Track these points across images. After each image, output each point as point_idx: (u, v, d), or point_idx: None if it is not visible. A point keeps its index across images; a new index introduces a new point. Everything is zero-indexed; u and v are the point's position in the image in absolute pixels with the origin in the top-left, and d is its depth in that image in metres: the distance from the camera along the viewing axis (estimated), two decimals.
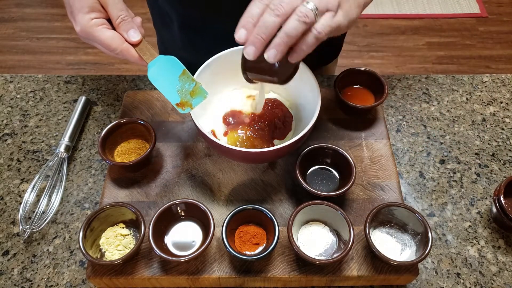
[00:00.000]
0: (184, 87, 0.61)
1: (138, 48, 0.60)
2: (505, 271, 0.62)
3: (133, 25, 0.60)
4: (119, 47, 0.58)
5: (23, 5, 2.48)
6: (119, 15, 0.59)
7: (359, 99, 0.76)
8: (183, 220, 0.63)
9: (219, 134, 0.68)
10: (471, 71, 2.12)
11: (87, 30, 0.57)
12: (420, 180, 0.72)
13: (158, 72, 0.60)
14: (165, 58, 0.61)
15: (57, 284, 0.62)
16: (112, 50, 0.59)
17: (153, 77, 0.60)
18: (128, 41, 0.60)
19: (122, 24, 0.59)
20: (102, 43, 0.58)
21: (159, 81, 0.60)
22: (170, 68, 0.61)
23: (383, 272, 0.59)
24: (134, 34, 0.59)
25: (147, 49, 0.61)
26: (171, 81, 0.61)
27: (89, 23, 0.57)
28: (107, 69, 2.16)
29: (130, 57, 0.60)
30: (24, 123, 0.80)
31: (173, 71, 0.61)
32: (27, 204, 0.66)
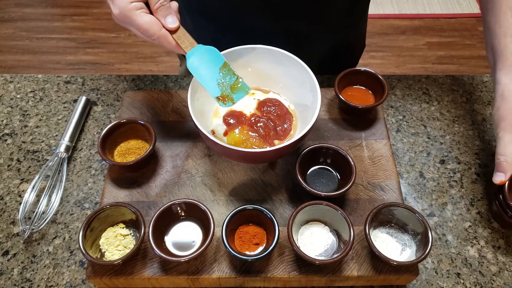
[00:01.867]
0: (225, 80, 0.58)
1: (175, 35, 0.58)
2: (505, 271, 0.62)
3: (171, 11, 0.58)
4: (157, 33, 0.57)
5: (23, 5, 2.48)
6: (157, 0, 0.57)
7: (359, 99, 0.76)
8: (183, 220, 0.63)
9: (219, 134, 0.68)
10: (471, 71, 2.12)
11: (126, 13, 0.56)
12: (420, 180, 0.72)
13: (198, 62, 0.58)
14: (205, 48, 0.58)
15: (57, 284, 0.62)
16: (149, 36, 0.57)
17: (193, 68, 0.58)
18: (166, 28, 0.58)
19: (161, 10, 0.57)
20: (139, 28, 0.57)
21: (199, 71, 0.58)
22: (211, 59, 0.59)
23: (383, 272, 0.59)
24: (172, 20, 0.58)
25: (186, 37, 0.59)
26: (212, 73, 0.58)
27: (128, 6, 0.56)
28: (107, 69, 2.16)
29: (167, 44, 0.58)
30: (24, 123, 0.80)
31: (214, 63, 0.59)
32: (27, 204, 0.66)
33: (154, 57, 2.19)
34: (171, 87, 0.85)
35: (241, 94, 0.59)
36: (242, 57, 0.69)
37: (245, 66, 0.71)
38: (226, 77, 0.59)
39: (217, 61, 0.59)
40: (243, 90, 0.59)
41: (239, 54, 0.69)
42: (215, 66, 0.59)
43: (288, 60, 0.68)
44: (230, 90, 0.59)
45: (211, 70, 0.59)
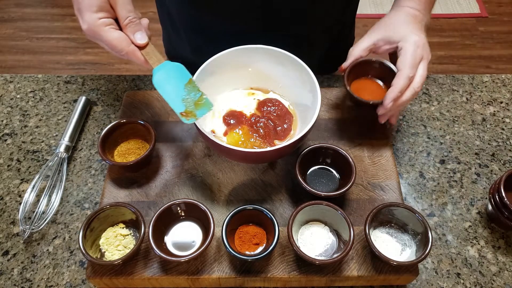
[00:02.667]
0: (189, 96, 0.59)
1: (144, 51, 0.59)
2: (505, 271, 0.62)
3: (141, 27, 0.59)
4: (125, 48, 0.58)
5: (23, 5, 2.48)
6: (127, 16, 0.58)
7: (369, 92, 0.72)
8: (183, 220, 0.63)
9: (219, 134, 0.68)
10: (471, 71, 2.12)
11: (94, 29, 0.57)
12: (420, 180, 0.72)
13: (164, 79, 0.59)
14: (172, 65, 0.60)
15: (57, 284, 0.62)
16: (118, 52, 0.58)
17: (159, 84, 0.59)
18: (134, 43, 0.59)
19: (130, 26, 0.58)
20: (108, 44, 0.58)
21: (164, 87, 0.59)
22: (177, 75, 0.60)
23: (383, 272, 0.59)
24: (141, 36, 0.59)
25: (154, 53, 0.60)
26: (177, 89, 0.59)
27: (96, 23, 0.57)
28: (107, 69, 2.16)
29: (136, 60, 0.59)
30: (24, 123, 0.80)
31: (180, 79, 0.60)
32: (27, 204, 0.66)
33: None
34: None
35: (205, 110, 0.60)
36: (242, 57, 0.69)
37: (245, 66, 0.71)
38: (191, 93, 0.60)
39: (183, 78, 0.60)
40: (206, 106, 0.60)
41: (239, 54, 0.69)
42: (180, 82, 0.60)
43: (288, 60, 0.68)
44: (194, 106, 0.60)
45: (177, 86, 0.60)
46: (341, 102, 0.78)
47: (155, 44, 0.61)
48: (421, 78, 0.65)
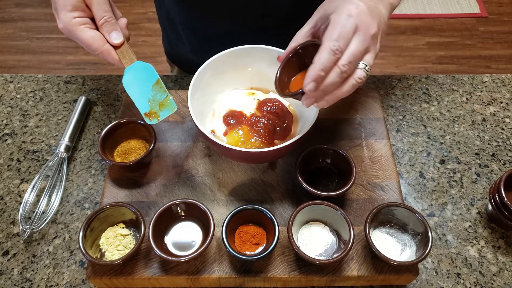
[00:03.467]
0: (155, 97, 0.60)
1: (119, 50, 0.60)
2: (505, 271, 0.62)
3: (117, 27, 0.60)
4: (100, 48, 0.58)
5: (23, 5, 2.48)
6: (103, 16, 0.58)
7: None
8: (183, 220, 0.63)
9: (219, 134, 0.68)
10: (471, 71, 2.12)
11: (69, 28, 0.57)
12: (420, 180, 0.72)
13: (132, 79, 0.60)
14: (142, 65, 0.61)
15: (57, 284, 0.62)
16: (93, 50, 0.59)
17: (127, 83, 0.60)
18: (110, 43, 0.59)
19: (105, 26, 0.59)
20: (83, 43, 0.58)
21: (132, 87, 0.60)
22: (145, 75, 0.61)
23: (383, 272, 0.59)
24: (116, 36, 0.59)
25: (127, 53, 0.60)
26: (144, 89, 0.60)
27: (71, 21, 0.57)
28: (107, 69, 2.16)
29: (110, 59, 0.60)
30: (24, 123, 0.80)
31: (148, 79, 0.60)
32: (27, 204, 0.66)
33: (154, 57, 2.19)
34: (171, 87, 0.85)
35: (167, 111, 0.61)
36: (242, 57, 0.69)
37: (245, 66, 0.71)
38: (157, 94, 0.60)
39: (150, 78, 0.61)
40: (169, 108, 0.61)
41: (239, 54, 0.69)
42: (148, 83, 0.60)
43: None
44: (158, 107, 0.60)
45: (144, 86, 0.60)
46: (341, 102, 0.78)
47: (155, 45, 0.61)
48: (351, 55, 0.50)
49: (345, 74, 0.51)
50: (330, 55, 0.50)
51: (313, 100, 0.54)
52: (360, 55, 0.51)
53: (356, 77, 0.52)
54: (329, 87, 0.51)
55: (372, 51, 0.53)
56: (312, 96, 0.53)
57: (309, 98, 0.54)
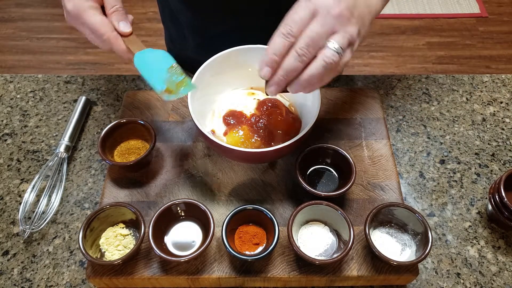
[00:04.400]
0: (171, 78, 0.59)
1: (127, 39, 0.59)
2: (505, 271, 0.62)
3: (126, 17, 0.59)
4: (107, 33, 0.57)
5: (23, 5, 2.48)
6: (114, 4, 0.58)
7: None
8: (183, 220, 0.63)
9: (219, 134, 0.68)
10: (471, 71, 2.12)
11: (79, 11, 0.56)
12: (420, 180, 0.72)
13: (146, 61, 0.59)
14: (155, 51, 0.59)
15: (57, 284, 0.62)
16: (99, 36, 0.57)
17: (140, 64, 0.58)
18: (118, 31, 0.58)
19: (115, 14, 0.58)
20: (90, 26, 0.57)
21: (146, 68, 0.59)
22: (160, 59, 0.59)
23: (383, 272, 0.59)
24: (125, 25, 0.59)
25: (136, 42, 0.59)
26: (159, 71, 0.59)
27: (83, 4, 0.56)
28: (107, 69, 2.16)
29: (116, 46, 0.58)
30: (24, 123, 0.80)
31: (163, 63, 0.59)
32: (27, 204, 0.66)
33: None
34: None
35: (186, 90, 0.59)
36: (242, 57, 0.69)
37: (245, 66, 0.71)
38: (173, 76, 0.59)
39: (166, 62, 0.59)
40: (188, 87, 0.59)
41: (239, 54, 0.69)
42: (163, 66, 0.59)
43: None
44: (175, 87, 0.59)
45: (159, 68, 0.59)
46: (341, 102, 0.78)
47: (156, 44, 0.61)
48: (308, 38, 0.48)
49: (305, 57, 0.49)
50: (281, 38, 0.49)
51: (275, 87, 0.52)
52: (319, 38, 0.49)
53: (324, 56, 0.49)
54: (290, 72, 0.50)
55: (340, 32, 0.49)
56: (274, 84, 0.51)
57: (271, 85, 0.52)
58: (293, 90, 0.52)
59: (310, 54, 0.49)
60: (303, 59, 0.49)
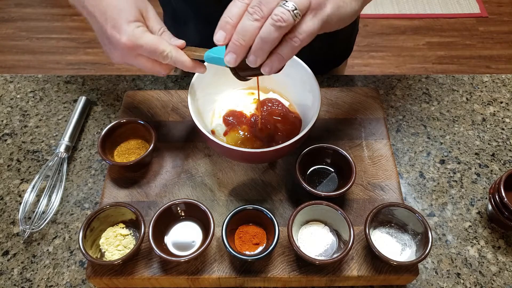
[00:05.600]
0: None
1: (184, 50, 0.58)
2: (505, 271, 0.62)
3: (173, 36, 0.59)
4: (169, 46, 0.56)
5: (23, 5, 2.48)
6: (160, 27, 0.58)
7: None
8: (183, 220, 0.63)
9: (219, 134, 0.68)
10: (471, 71, 2.12)
11: (134, 37, 0.54)
12: (420, 180, 0.72)
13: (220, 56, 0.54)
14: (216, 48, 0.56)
15: (57, 284, 0.62)
16: (160, 53, 0.56)
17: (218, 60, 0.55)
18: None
19: (165, 35, 0.58)
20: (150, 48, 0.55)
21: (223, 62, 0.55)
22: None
23: (383, 272, 0.59)
24: (177, 40, 0.58)
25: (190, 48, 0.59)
26: None
27: (135, 30, 0.55)
28: (107, 69, 2.16)
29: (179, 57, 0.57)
30: (24, 123, 0.80)
31: None
32: (27, 204, 0.66)
33: None
34: (171, 87, 0.85)
35: None
36: None
37: None
38: None
39: None
40: None
41: None
42: None
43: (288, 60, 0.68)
44: None
45: None
46: (341, 102, 0.78)
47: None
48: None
49: (256, 15, 0.46)
50: (236, 1, 0.47)
51: (231, 54, 0.48)
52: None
53: (273, 14, 0.45)
54: (245, 35, 0.46)
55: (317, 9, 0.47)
56: (230, 49, 0.48)
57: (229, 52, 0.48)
58: (251, 62, 0.48)
59: (263, 12, 0.46)
60: (255, 17, 0.46)
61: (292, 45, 0.48)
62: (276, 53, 0.48)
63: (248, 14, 0.46)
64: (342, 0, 0.50)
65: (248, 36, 0.47)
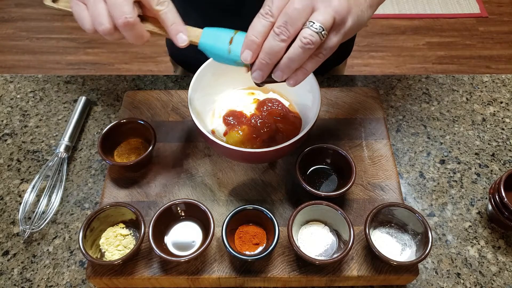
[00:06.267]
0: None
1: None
2: (505, 271, 0.62)
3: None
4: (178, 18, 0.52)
5: (23, 5, 2.48)
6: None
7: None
8: (183, 220, 0.63)
9: (219, 134, 0.68)
10: (471, 71, 2.12)
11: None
12: (420, 180, 0.72)
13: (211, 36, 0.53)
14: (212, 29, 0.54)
15: (57, 284, 0.62)
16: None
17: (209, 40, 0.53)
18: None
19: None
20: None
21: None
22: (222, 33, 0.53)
23: (383, 272, 0.59)
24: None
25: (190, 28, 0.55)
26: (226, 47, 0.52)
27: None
28: (107, 69, 2.16)
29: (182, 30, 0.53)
30: (24, 123, 0.80)
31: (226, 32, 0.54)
32: (27, 204, 0.66)
33: (154, 57, 2.19)
34: (171, 87, 0.85)
35: None
36: None
37: None
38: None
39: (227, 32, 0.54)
40: None
41: None
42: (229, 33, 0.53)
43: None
44: None
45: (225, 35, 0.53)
46: (341, 102, 0.78)
47: (155, 44, 0.62)
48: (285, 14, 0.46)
49: (283, 35, 0.46)
50: (260, 19, 0.46)
51: (258, 72, 0.49)
52: (298, 14, 0.46)
53: (301, 36, 0.46)
54: (272, 55, 0.47)
55: (321, 8, 0.46)
56: (256, 68, 0.49)
57: (254, 70, 0.49)
58: (277, 77, 0.50)
59: (290, 32, 0.46)
60: (282, 37, 0.46)
61: (317, 60, 0.49)
62: (302, 68, 0.49)
63: (275, 34, 0.46)
64: (360, 10, 0.51)
65: (274, 56, 0.48)
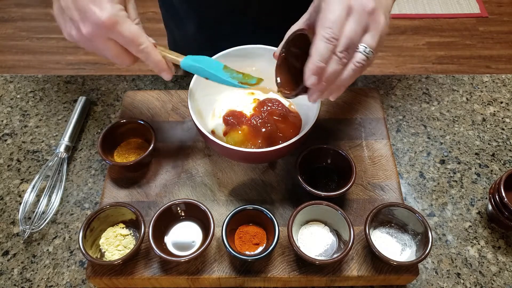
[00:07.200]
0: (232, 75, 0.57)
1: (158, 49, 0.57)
2: (505, 271, 0.62)
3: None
4: (146, 41, 0.53)
5: (23, 5, 2.48)
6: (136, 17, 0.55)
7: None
8: (183, 220, 0.63)
9: (219, 134, 0.68)
10: (471, 71, 2.12)
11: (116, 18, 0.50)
12: (420, 180, 0.72)
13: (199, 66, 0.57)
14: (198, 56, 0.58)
15: (57, 284, 0.62)
16: (137, 45, 0.53)
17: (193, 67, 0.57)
18: None
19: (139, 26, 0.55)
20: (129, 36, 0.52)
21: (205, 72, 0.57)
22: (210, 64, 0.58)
23: (383, 272, 0.59)
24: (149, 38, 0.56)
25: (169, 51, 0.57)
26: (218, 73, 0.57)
27: (119, 12, 0.51)
28: (107, 69, 2.16)
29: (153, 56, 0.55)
30: (24, 123, 0.80)
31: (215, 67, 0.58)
32: (27, 204, 0.66)
33: None
34: (171, 87, 0.85)
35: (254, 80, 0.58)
36: (243, 57, 0.69)
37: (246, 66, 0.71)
38: (233, 74, 0.58)
39: (216, 65, 0.59)
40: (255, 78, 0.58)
41: (239, 54, 0.69)
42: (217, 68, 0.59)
43: None
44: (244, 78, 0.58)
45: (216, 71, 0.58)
46: (341, 102, 0.78)
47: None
48: (347, 39, 0.47)
49: (345, 60, 0.48)
50: (326, 43, 0.47)
51: (319, 94, 0.52)
52: (357, 37, 0.48)
53: (355, 61, 0.49)
54: (331, 77, 0.49)
55: (372, 30, 0.49)
56: (317, 90, 0.51)
57: (315, 92, 0.51)
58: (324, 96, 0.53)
59: (349, 55, 0.49)
60: (344, 61, 0.48)
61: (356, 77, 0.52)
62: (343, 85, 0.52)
63: (338, 58, 0.48)
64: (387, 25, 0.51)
65: (333, 79, 0.50)
